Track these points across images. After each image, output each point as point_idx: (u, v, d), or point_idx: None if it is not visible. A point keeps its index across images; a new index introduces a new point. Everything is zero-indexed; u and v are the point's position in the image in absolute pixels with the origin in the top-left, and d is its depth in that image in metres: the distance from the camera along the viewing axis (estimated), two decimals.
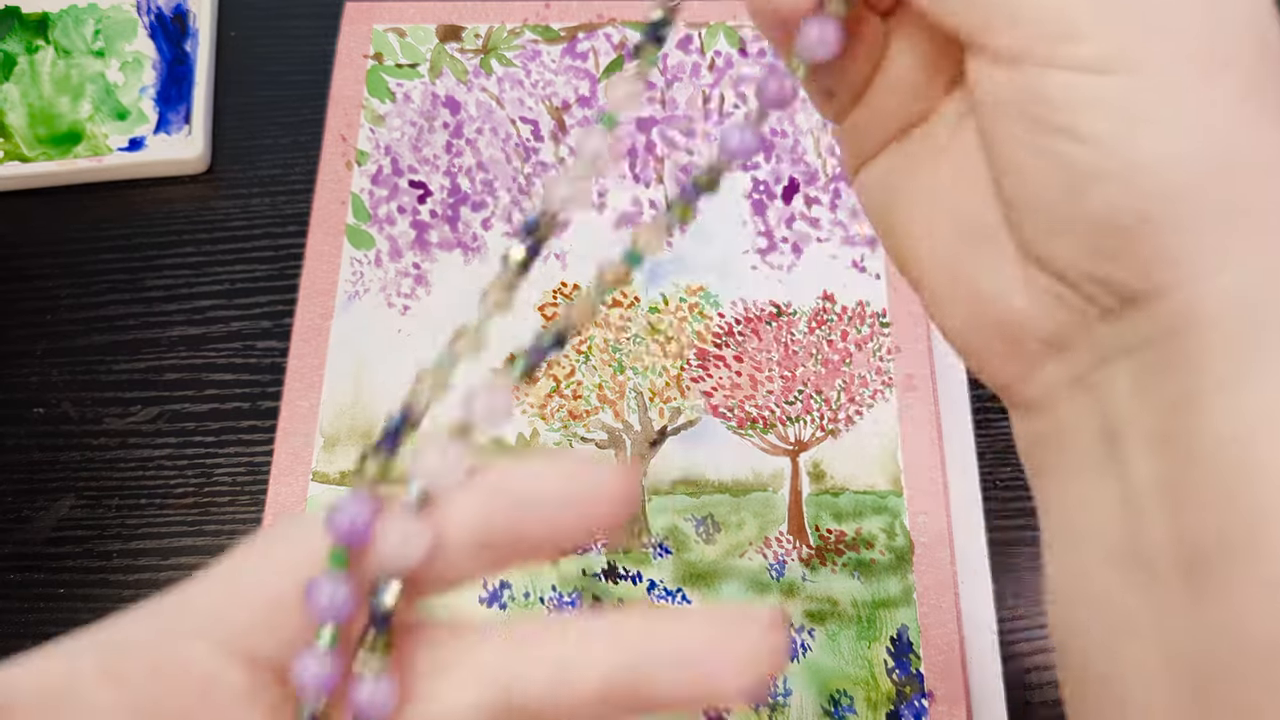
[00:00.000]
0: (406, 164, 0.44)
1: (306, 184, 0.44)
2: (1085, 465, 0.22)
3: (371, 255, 0.43)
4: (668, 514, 0.38)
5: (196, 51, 0.47)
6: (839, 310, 0.41)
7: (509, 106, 0.45)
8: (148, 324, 0.42)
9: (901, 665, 0.36)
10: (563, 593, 0.37)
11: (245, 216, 0.45)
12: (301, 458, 0.39)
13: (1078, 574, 0.22)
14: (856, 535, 0.37)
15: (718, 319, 0.41)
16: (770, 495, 0.38)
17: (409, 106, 0.45)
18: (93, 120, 0.46)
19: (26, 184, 0.45)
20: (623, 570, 0.37)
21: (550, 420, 0.40)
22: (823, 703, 0.35)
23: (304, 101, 0.46)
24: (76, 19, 0.48)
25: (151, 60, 0.47)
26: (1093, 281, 0.20)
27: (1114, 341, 0.21)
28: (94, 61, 0.47)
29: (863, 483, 0.38)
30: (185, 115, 0.46)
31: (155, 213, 0.45)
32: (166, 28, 0.48)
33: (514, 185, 0.44)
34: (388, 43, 0.47)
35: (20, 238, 0.44)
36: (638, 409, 0.40)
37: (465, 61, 0.46)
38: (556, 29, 0.47)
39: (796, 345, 0.41)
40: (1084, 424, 0.22)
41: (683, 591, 0.37)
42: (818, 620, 0.36)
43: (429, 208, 0.43)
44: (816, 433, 0.39)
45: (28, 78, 0.47)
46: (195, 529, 0.39)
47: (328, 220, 0.43)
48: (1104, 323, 0.21)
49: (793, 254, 0.42)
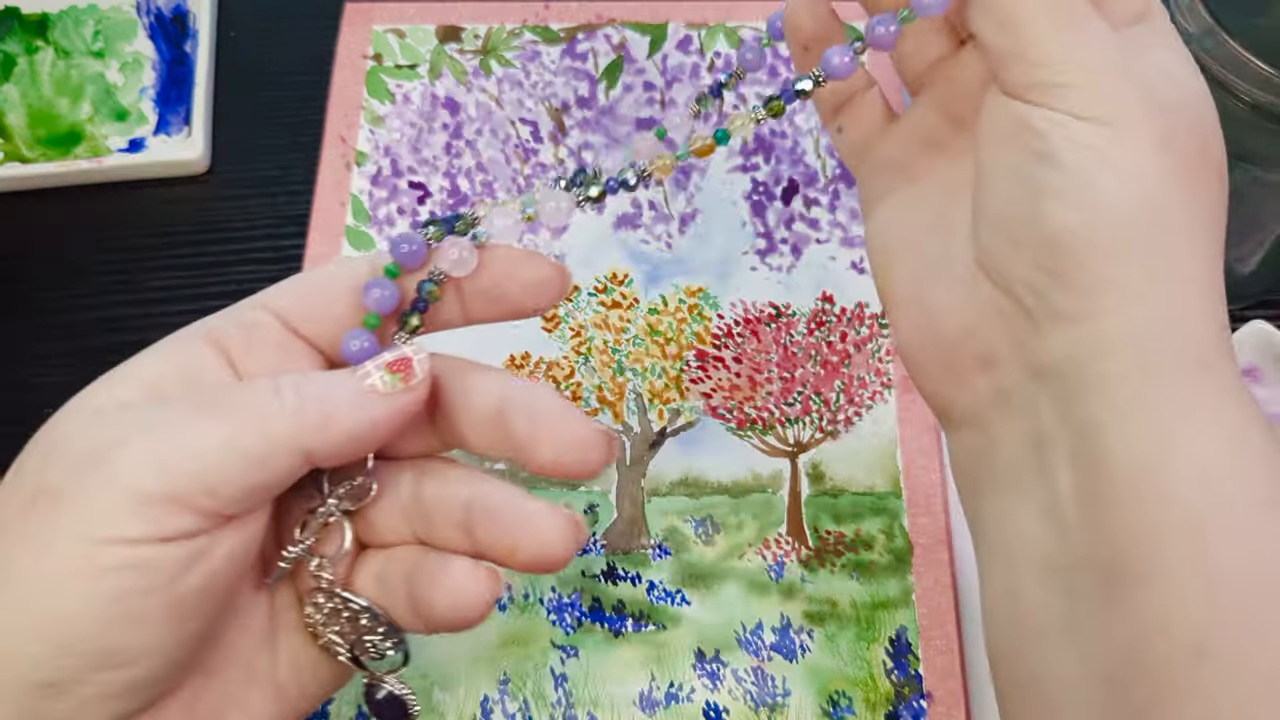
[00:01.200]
0: (406, 165, 0.44)
1: (306, 185, 0.44)
2: (1014, 478, 0.24)
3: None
4: (667, 515, 0.38)
5: (196, 52, 0.47)
6: (838, 311, 0.41)
7: (508, 107, 0.45)
8: (148, 325, 0.42)
9: (900, 666, 0.36)
10: (562, 594, 0.37)
11: (245, 218, 0.45)
12: None
13: (1009, 588, 0.24)
14: (856, 536, 0.38)
15: (717, 320, 0.41)
16: (769, 496, 0.38)
17: (408, 107, 0.45)
18: (92, 121, 0.46)
19: (26, 185, 0.45)
20: (622, 571, 0.37)
21: None
22: (822, 703, 0.35)
23: (304, 102, 0.46)
24: (76, 19, 0.48)
25: (151, 61, 0.47)
26: (1032, 293, 0.24)
27: (1036, 359, 0.24)
28: (94, 62, 0.47)
29: (862, 484, 0.38)
30: (185, 116, 0.46)
31: (155, 214, 0.45)
32: (166, 28, 0.48)
33: (513, 186, 0.44)
34: (387, 43, 0.47)
35: (20, 238, 0.44)
36: (637, 410, 0.40)
37: (465, 62, 0.46)
38: (556, 30, 0.47)
39: (796, 346, 0.41)
40: (1012, 439, 0.25)
41: (682, 592, 0.37)
42: (817, 621, 0.36)
43: (428, 209, 0.43)
44: (816, 434, 0.39)
45: (27, 78, 0.47)
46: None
47: (327, 221, 0.43)
48: (1032, 338, 0.24)
49: (792, 255, 0.42)
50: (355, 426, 0.25)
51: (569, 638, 0.36)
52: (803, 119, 0.45)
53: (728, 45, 0.46)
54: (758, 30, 0.46)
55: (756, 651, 0.36)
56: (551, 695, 0.35)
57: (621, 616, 0.37)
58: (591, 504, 0.38)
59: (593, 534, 0.38)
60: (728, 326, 0.41)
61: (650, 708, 0.35)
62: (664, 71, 0.46)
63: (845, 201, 0.43)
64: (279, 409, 0.24)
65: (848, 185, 0.43)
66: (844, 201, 0.43)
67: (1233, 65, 0.35)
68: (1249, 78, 0.35)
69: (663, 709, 0.35)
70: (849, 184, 0.43)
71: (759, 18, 0.47)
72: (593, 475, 0.28)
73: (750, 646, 0.36)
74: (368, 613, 0.26)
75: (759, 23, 0.47)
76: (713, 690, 0.35)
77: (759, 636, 0.36)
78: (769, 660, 0.36)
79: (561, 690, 0.35)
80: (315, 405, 0.24)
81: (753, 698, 0.35)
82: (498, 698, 0.35)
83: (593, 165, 0.28)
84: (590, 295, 0.42)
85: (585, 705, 0.35)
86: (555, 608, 0.37)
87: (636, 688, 0.35)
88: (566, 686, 0.36)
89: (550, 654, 0.36)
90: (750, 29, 0.47)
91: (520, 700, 0.35)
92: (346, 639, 0.26)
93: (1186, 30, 0.36)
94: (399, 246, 0.26)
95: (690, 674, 0.36)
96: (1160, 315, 0.22)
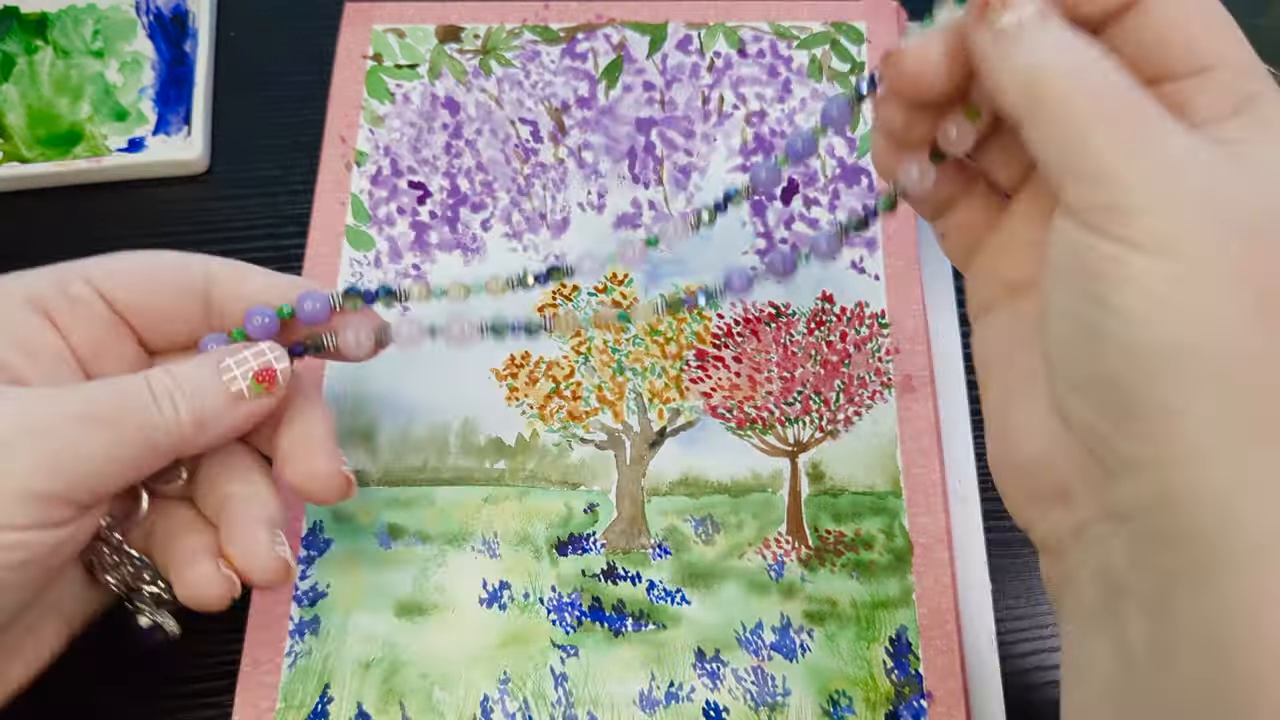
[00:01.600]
0: (406, 165, 0.44)
1: (306, 185, 0.44)
2: (1090, 611, 0.24)
3: (371, 256, 0.43)
4: (667, 515, 0.38)
5: (196, 52, 0.47)
6: (838, 311, 0.41)
7: (508, 107, 0.45)
8: None
9: (900, 666, 0.36)
10: (562, 593, 0.37)
11: (245, 217, 0.45)
12: None
13: (1080, 704, 0.24)
14: (855, 536, 0.38)
15: (717, 320, 0.41)
16: (769, 496, 0.38)
17: (408, 107, 0.45)
18: (92, 121, 0.46)
19: (26, 185, 0.45)
20: (622, 570, 0.37)
21: (550, 421, 0.40)
22: (821, 703, 0.35)
23: (304, 102, 0.46)
24: (75, 19, 0.48)
25: (151, 61, 0.47)
26: (1095, 438, 0.22)
27: (1110, 501, 0.22)
28: (93, 62, 0.47)
29: (862, 484, 0.38)
30: (185, 116, 0.46)
31: (155, 214, 0.45)
32: (166, 28, 0.48)
33: (513, 186, 0.44)
34: (387, 43, 0.47)
35: (20, 238, 0.44)
36: (637, 410, 0.40)
37: (464, 62, 0.46)
38: (556, 29, 0.47)
39: (796, 346, 0.41)
40: (1087, 575, 0.24)
41: (682, 592, 0.37)
42: (817, 621, 0.36)
43: (428, 209, 0.43)
44: (815, 434, 0.39)
45: (26, 78, 0.47)
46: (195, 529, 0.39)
47: (327, 221, 0.43)
48: (1104, 481, 0.22)
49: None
50: (223, 431, 0.29)
51: (569, 637, 0.36)
52: (802, 119, 0.45)
53: (728, 45, 0.46)
54: (758, 30, 0.47)
55: (756, 651, 0.36)
56: (551, 695, 0.35)
57: (621, 616, 0.37)
58: (591, 503, 0.38)
59: (593, 533, 0.38)
60: (728, 326, 0.41)
61: (650, 707, 0.35)
62: (664, 71, 0.46)
63: (845, 201, 0.43)
64: (160, 419, 0.27)
65: (848, 185, 0.43)
66: (844, 201, 0.43)
67: None
68: None
69: (663, 708, 0.35)
70: (849, 184, 0.43)
71: (759, 18, 0.47)
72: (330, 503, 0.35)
73: (750, 646, 0.36)
74: (147, 568, 0.31)
75: (759, 22, 0.47)
76: (713, 690, 0.35)
77: (759, 636, 0.36)
78: (769, 660, 0.36)
79: (561, 690, 0.35)
80: (191, 415, 0.28)
81: (753, 697, 0.35)
82: (498, 697, 0.35)
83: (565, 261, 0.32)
84: (590, 295, 0.42)
85: (585, 705, 0.35)
86: (555, 607, 0.37)
87: (636, 687, 0.35)
88: (566, 686, 0.36)
89: (550, 653, 0.36)
90: (750, 29, 0.47)
91: (520, 700, 0.35)
92: (122, 584, 0.31)
93: None
94: (304, 302, 0.31)
95: (690, 673, 0.36)
96: (1233, 476, 0.20)
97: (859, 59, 0.46)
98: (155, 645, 0.31)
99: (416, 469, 0.39)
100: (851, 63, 0.46)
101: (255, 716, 0.35)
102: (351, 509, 0.38)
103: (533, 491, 0.39)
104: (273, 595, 0.37)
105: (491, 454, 0.39)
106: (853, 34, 0.46)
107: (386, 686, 0.35)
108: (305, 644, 0.36)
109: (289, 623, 0.36)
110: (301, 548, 0.38)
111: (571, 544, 0.38)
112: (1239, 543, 0.20)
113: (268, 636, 0.36)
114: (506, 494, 0.39)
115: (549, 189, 0.44)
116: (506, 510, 0.38)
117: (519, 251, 0.43)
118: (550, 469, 0.39)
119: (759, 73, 0.46)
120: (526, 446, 0.39)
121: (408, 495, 0.39)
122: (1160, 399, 0.20)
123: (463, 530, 0.38)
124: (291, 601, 0.37)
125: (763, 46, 0.46)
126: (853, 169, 0.44)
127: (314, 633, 0.36)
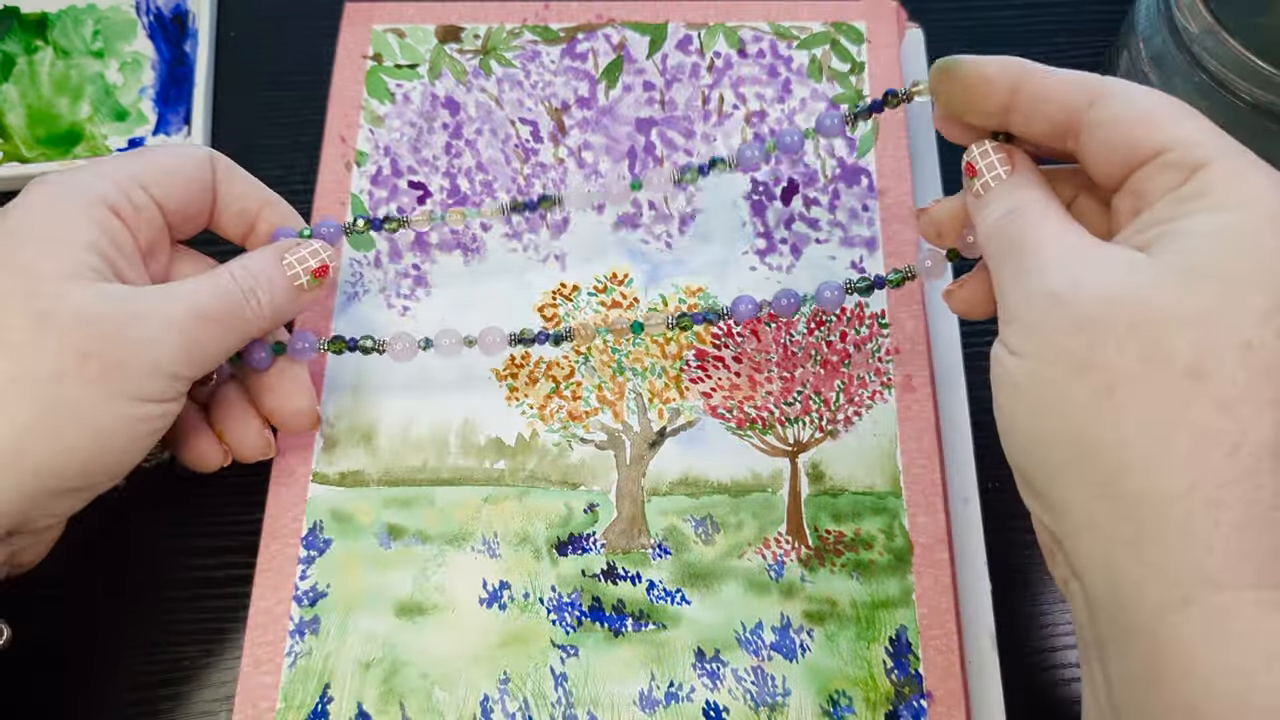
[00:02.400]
0: (406, 165, 0.44)
1: (306, 184, 0.44)
2: (1080, 653, 0.26)
3: (371, 256, 0.43)
4: (667, 515, 0.38)
5: (196, 52, 0.47)
6: (838, 311, 0.41)
7: (508, 107, 0.45)
8: None
9: (900, 666, 0.36)
10: (562, 593, 0.37)
11: None
12: (301, 458, 0.39)
13: None
14: (855, 536, 0.38)
15: None
16: (769, 496, 0.38)
17: (408, 107, 0.45)
18: (92, 121, 0.46)
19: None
20: (622, 570, 0.37)
21: (550, 421, 0.40)
22: (821, 703, 0.35)
23: (304, 102, 0.46)
24: (75, 19, 0.48)
25: (151, 61, 0.47)
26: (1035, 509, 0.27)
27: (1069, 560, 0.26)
28: (93, 62, 0.47)
29: (862, 484, 0.38)
30: (185, 116, 0.46)
31: None
32: (166, 28, 0.48)
33: (513, 186, 0.44)
34: (387, 43, 0.47)
35: None
36: (637, 410, 0.40)
37: (464, 62, 0.46)
38: (556, 29, 0.47)
39: (795, 346, 0.41)
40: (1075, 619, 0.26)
41: (682, 592, 0.37)
42: (817, 621, 0.36)
43: (428, 207, 0.43)
44: (815, 434, 0.39)
45: (27, 78, 0.47)
46: (195, 529, 0.39)
47: None
48: (1059, 544, 0.26)
49: (791, 255, 0.42)
50: (290, 316, 0.36)
51: (569, 637, 0.36)
52: (802, 119, 0.45)
53: (728, 45, 0.46)
54: (758, 30, 0.47)
55: (756, 651, 0.36)
56: (551, 695, 0.35)
57: (621, 616, 0.37)
58: (591, 503, 0.38)
59: (593, 533, 0.38)
60: (728, 326, 0.41)
61: (650, 707, 0.35)
62: (664, 71, 0.46)
63: (845, 201, 0.43)
64: (252, 314, 0.33)
65: (848, 185, 0.43)
66: (844, 201, 0.43)
67: (1233, 65, 0.35)
68: (1250, 77, 0.35)
69: (663, 708, 0.35)
70: (849, 184, 0.43)
71: (759, 18, 0.47)
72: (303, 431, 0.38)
73: (750, 646, 0.36)
74: None
75: (759, 22, 0.47)
76: (713, 690, 0.35)
77: (759, 636, 0.36)
78: (769, 660, 0.36)
79: (561, 690, 0.35)
80: (270, 307, 0.34)
81: (753, 697, 0.35)
82: (498, 697, 0.35)
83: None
84: (590, 295, 0.42)
85: (585, 705, 0.35)
86: (555, 607, 0.37)
87: (636, 687, 0.35)
88: (566, 686, 0.36)
89: (550, 653, 0.36)
90: (750, 29, 0.47)
91: (520, 700, 0.35)
92: None
93: (1187, 30, 0.36)
94: (320, 227, 0.38)
95: (690, 673, 0.36)
96: (1107, 544, 0.23)
97: (859, 59, 0.46)
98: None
99: (416, 469, 0.39)
100: (851, 63, 0.46)
101: (255, 716, 0.35)
102: (351, 509, 0.38)
103: (533, 491, 0.39)
104: (273, 595, 0.37)
105: (491, 454, 0.39)
106: (853, 34, 0.46)
107: (386, 686, 0.35)
108: (305, 644, 0.36)
109: (289, 623, 0.36)
110: (301, 548, 0.38)
111: (571, 544, 0.38)
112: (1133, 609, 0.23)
113: (268, 636, 0.36)
114: (506, 494, 0.39)
115: (549, 189, 0.44)
116: (506, 510, 0.38)
117: (519, 251, 0.43)
118: (550, 469, 0.39)
119: (759, 73, 0.46)
120: (526, 446, 0.39)
121: (408, 495, 0.39)
122: (1039, 483, 0.25)
123: (463, 530, 0.38)
124: (291, 601, 0.37)
125: (763, 46, 0.46)
126: (853, 169, 0.44)
127: (314, 633, 0.36)
